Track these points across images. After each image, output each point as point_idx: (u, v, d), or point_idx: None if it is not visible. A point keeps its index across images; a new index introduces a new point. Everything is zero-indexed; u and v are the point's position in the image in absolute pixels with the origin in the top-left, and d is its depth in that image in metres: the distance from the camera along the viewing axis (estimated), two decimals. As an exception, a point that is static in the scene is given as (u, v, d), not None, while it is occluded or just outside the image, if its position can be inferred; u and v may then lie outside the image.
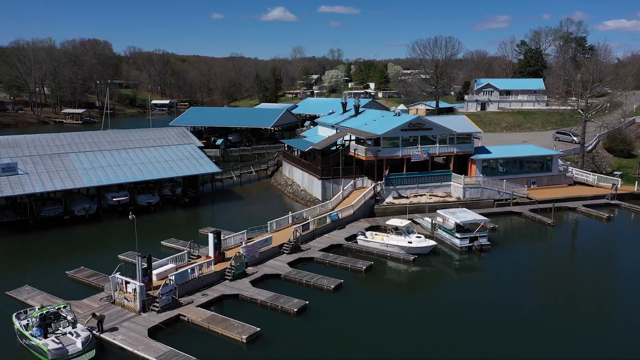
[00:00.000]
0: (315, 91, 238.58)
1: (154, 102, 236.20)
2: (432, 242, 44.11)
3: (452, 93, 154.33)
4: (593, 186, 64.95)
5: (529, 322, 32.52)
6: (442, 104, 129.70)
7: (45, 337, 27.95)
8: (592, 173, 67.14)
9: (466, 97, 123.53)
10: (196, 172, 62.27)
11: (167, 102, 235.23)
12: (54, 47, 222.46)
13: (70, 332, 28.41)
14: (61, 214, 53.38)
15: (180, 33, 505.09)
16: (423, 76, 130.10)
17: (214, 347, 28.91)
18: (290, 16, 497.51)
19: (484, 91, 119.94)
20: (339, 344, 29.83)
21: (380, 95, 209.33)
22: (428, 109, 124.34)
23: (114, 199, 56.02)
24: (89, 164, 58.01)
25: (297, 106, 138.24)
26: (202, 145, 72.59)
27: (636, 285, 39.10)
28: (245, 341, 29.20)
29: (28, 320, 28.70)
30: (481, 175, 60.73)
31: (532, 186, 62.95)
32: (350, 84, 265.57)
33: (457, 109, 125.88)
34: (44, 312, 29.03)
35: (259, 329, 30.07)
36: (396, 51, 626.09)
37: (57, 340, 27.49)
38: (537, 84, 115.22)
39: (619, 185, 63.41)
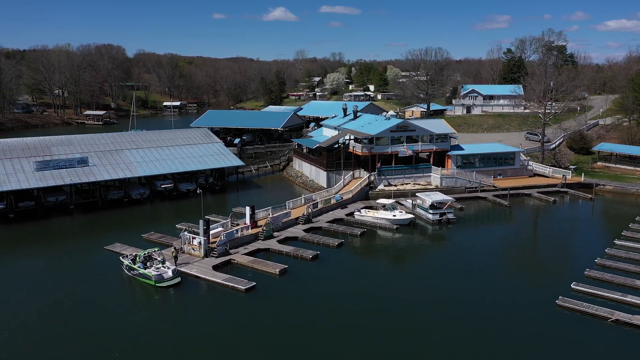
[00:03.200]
0: (318, 93, 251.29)
1: (165, 103, 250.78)
2: (410, 216, 58.53)
3: (448, 95, 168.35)
4: (549, 177, 79.22)
5: (480, 270, 46.81)
6: (435, 106, 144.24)
7: (146, 269, 42.25)
8: (548, 166, 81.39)
9: (454, 101, 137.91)
10: (225, 165, 76.78)
11: (177, 103, 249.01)
12: (73, 52, 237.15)
13: (162, 267, 42.74)
14: (122, 197, 67.86)
15: (183, 33, 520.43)
16: (419, 78, 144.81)
17: (257, 276, 43.08)
18: (291, 16, 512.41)
19: (469, 96, 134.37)
20: (340, 278, 44.10)
21: (379, 97, 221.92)
22: (423, 111, 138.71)
23: (162, 186, 70.45)
24: (140, 158, 72.43)
25: (302, 108, 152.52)
26: (223, 144, 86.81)
27: (557, 242, 53.65)
28: (278, 273, 43.56)
29: (136, 258, 43.04)
30: (455, 167, 75.05)
31: (498, 177, 77.19)
32: (350, 86, 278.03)
33: (448, 111, 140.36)
34: (145, 253, 43.48)
35: (286, 266, 44.49)
36: (397, 51, 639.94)
37: (156, 270, 41.83)
38: (516, 89, 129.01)
39: (569, 177, 77.67)
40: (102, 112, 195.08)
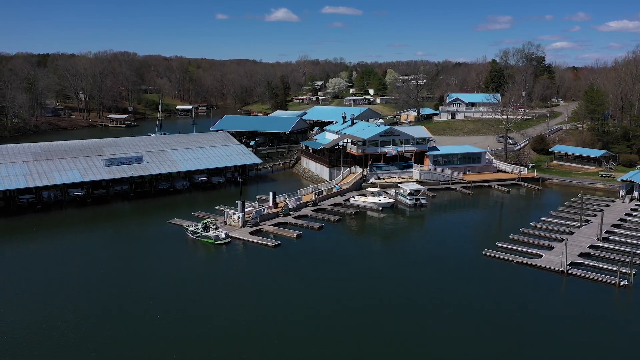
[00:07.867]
0: (320, 97, 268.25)
1: (178, 107, 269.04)
2: (391, 200, 77.27)
3: (436, 102, 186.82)
4: (509, 173, 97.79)
5: (438, 234, 65.53)
6: (428, 111, 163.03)
7: (206, 233, 60.95)
8: (509, 164, 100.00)
9: (440, 107, 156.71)
10: (247, 162, 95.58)
11: (189, 107, 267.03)
12: (94, 59, 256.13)
13: (217, 231, 61.37)
14: (169, 187, 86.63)
15: (186, 33, 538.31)
16: (409, 85, 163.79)
17: (281, 238, 61.71)
18: (293, 17, 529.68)
19: (453, 103, 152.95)
20: (338, 241, 62.83)
21: (378, 101, 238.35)
22: (416, 115, 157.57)
23: (199, 179, 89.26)
24: (181, 157, 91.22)
25: (306, 113, 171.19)
26: (244, 146, 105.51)
27: (501, 218, 72.32)
28: (295, 237, 62.31)
29: (198, 225, 61.80)
30: (432, 165, 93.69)
31: (467, 172, 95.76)
32: (351, 90, 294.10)
33: (436, 116, 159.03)
34: (204, 222, 62.29)
35: (301, 232, 63.29)
36: (399, 52, 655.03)
37: (214, 233, 60.52)
38: (495, 97, 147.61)
39: (524, 172, 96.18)
40: (124, 116, 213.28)
